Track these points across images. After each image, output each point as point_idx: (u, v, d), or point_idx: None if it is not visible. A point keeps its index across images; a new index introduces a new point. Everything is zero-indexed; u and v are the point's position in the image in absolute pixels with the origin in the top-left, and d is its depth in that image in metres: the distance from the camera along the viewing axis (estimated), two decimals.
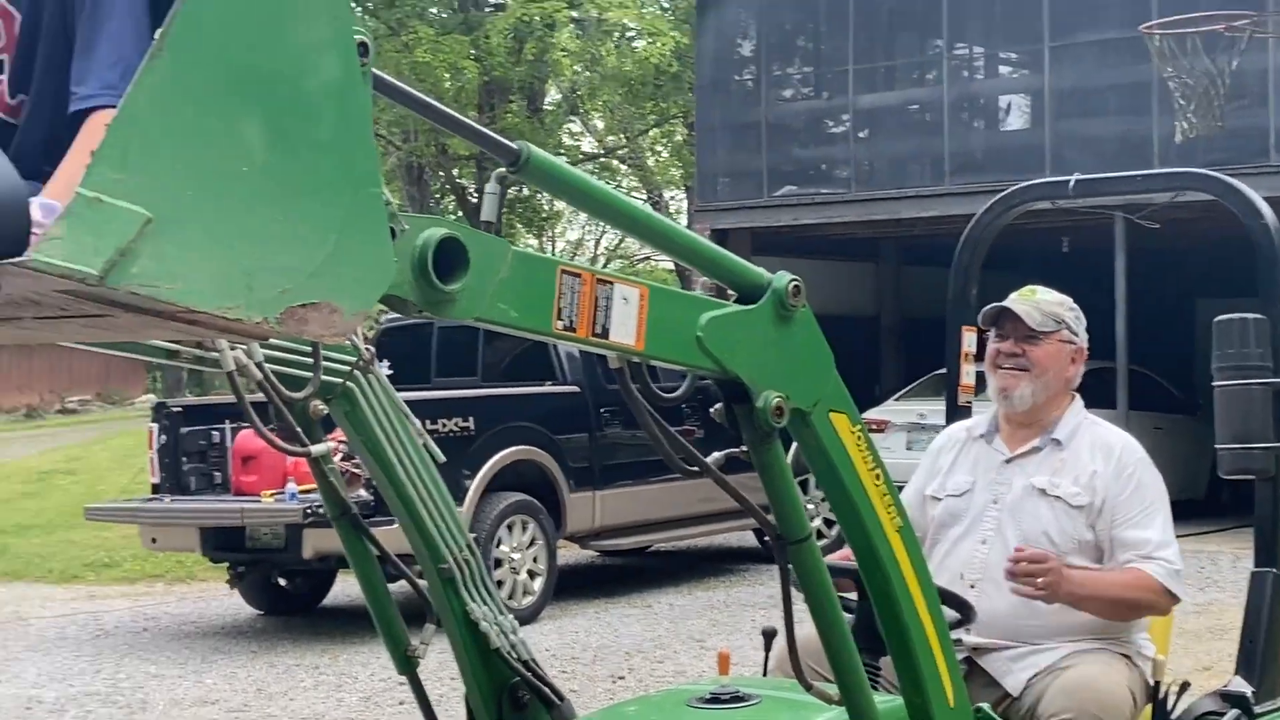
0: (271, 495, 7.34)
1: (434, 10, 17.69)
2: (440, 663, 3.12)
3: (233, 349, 1.62)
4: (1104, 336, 6.94)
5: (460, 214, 17.47)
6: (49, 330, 1.24)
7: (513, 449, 7.92)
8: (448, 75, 16.56)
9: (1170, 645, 3.03)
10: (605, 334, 1.49)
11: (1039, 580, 2.51)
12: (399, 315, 2.56)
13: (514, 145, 1.37)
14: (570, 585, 8.83)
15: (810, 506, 7.52)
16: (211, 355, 1.69)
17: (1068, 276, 5.98)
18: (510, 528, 7.82)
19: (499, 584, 7.08)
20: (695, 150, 13.38)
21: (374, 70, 1.15)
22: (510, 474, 7.92)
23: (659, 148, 19.58)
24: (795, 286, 1.62)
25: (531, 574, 7.94)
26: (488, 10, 17.79)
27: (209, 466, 8.00)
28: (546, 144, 15.09)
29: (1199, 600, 7.53)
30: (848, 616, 2.07)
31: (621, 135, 19.42)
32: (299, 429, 1.80)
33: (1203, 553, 9.49)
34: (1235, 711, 2.69)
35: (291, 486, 7.26)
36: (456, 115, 1.54)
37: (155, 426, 8.05)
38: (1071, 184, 3.26)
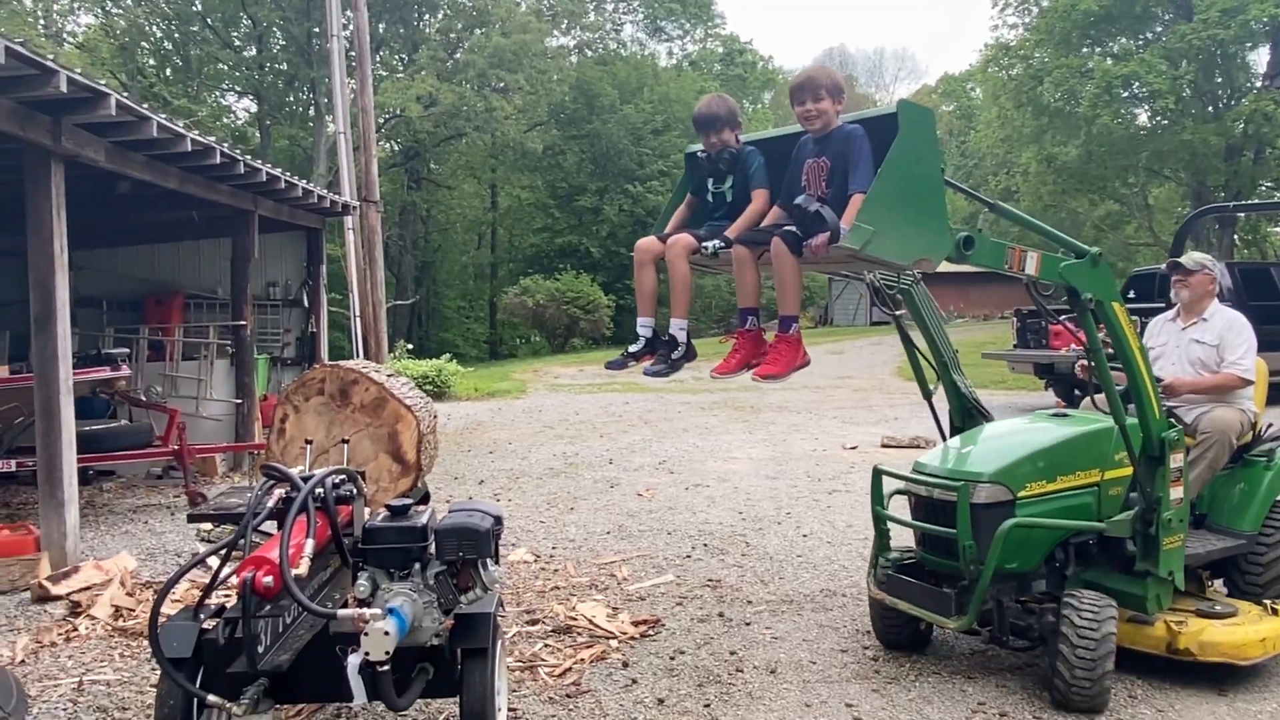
0: (1066, 350, 14.54)
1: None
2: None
3: (911, 275, 4.58)
4: None
5: None
6: (846, 266, 4.19)
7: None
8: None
9: (1264, 407, 5.43)
10: (1023, 269, 4.14)
11: (1162, 388, 4.93)
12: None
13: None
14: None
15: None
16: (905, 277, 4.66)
17: None
18: None
19: None
20: None
21: (949, 180, 3.94)
22: None
23: None
24: (1099, 253, 4.15)
25: None
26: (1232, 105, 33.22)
27: (1037, 336, 15.92)
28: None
29: None
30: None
31: None
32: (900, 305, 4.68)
33: None
34: None
35: (1073, 347, 13.79)
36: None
37: (1014, 319, 16.98)
38: (1231, 206, 7.05)
